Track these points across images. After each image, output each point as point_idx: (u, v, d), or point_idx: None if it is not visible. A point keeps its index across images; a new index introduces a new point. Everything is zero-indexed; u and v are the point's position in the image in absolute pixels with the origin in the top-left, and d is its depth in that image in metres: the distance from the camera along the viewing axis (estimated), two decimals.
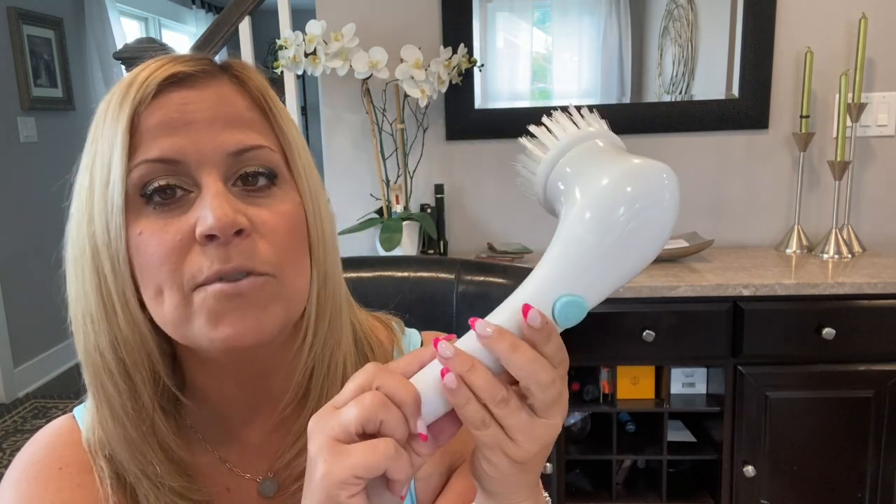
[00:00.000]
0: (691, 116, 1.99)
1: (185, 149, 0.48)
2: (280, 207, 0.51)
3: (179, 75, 0.50)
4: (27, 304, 3.33)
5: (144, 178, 0.48)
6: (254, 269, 0.48)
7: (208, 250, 0.47)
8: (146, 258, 0.48)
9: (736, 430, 1.67)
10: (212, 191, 0.48)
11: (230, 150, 0.49)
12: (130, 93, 0.49)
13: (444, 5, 1.98)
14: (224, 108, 0.50)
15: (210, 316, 0.48)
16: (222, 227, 0.46)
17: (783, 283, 1.59)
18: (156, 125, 0.49)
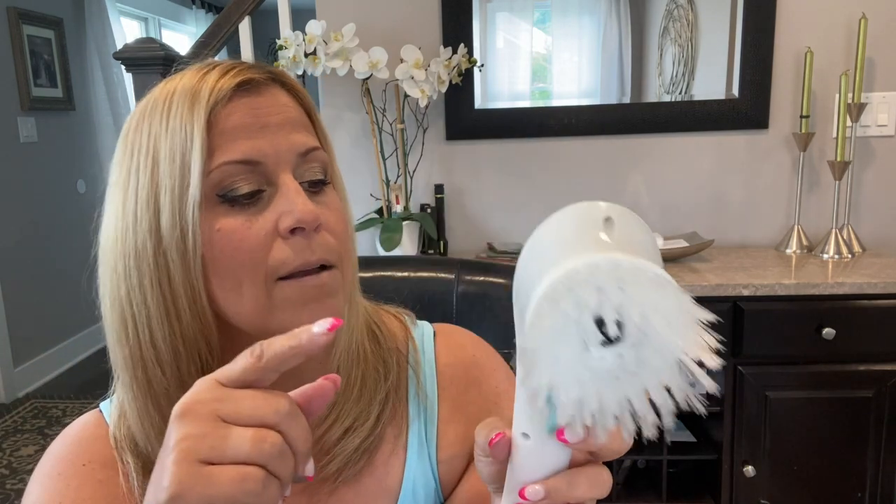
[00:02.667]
0: (691, 116, 1.99)
1: (265, 150, 0.52)
2: (336, 205, 0.56)
3: (251, 82, 0.53)
4: (27, 304, 3.34)
5: (226, 179, 0.51)
6: (331, 259, 0.53)
7: (293, 243, 0.51)
8: (227, 254, 0.51)
9: (736, 430, 1.67)
10: (292, 188, 0.51)
11: (300, 150, 0.53)
12: (202, 96, 0.51)
13: (444, 5, 1.98)
14: (288, 113, 0.54)
15: (297, 305, 0.52)
16: (310, 221, 0.50)
17: (783, 283, 1.59)
18: (233, 128, 0.51)
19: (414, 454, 0.63)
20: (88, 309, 2.47)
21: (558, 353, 0.31)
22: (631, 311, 0.30)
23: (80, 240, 3.75)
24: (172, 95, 0.52)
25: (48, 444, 2.64)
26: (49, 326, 3.51)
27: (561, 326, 0.31)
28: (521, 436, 0.40)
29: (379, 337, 0.64)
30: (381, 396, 0.61)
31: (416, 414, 0.64)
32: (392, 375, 0.63)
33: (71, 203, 3.71)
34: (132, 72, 1.97)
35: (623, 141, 2.03)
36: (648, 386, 0.31)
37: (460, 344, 0.69)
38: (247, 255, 0.50)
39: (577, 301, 0.30)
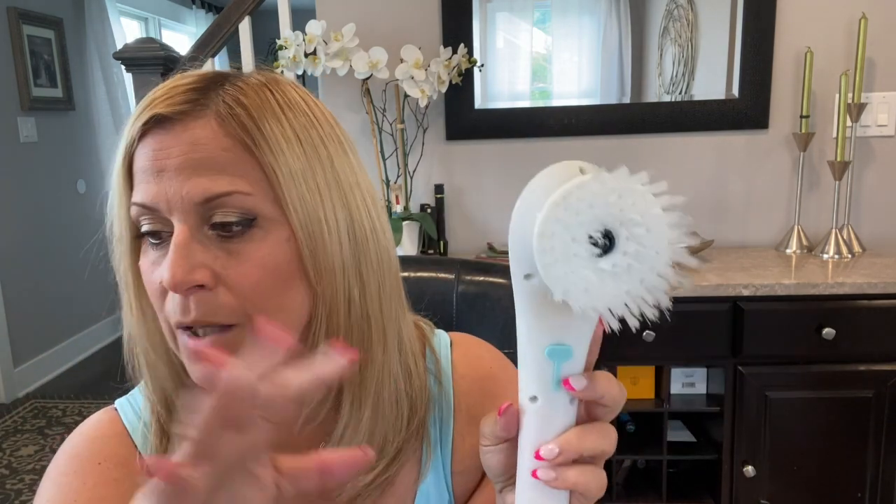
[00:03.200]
0: (691, 116, 1.99)
1: (157, 197, 0.50)
2: (256, 253, 0.50)
3: (156, 118, 0.51)
4: (27, 304, 3.34)
5: (136, 218, 0.53)
6: (214, 322, 0.50)
7: (175, 299, 0.50)
8: (147, 288, 0.53)
9: (736, 430, 1.67)
10: (174, 243, 0.49)
11: (196, 199, 0.49)
12: (125, 130, 0.53)
13: (444, 5, 1.98)
14: (195, 153, 0.49)
15: (187, 359, 0.52)
16: (174, 285, 0.48)
17: (783, 283, 1.59)
18: (139, 169, 0.52)
19: (429, 471, 0.62)
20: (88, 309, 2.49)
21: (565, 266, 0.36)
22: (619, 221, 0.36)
23: (80, 240, 3.75)
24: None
25: (48, 443, 2.63)
26: (49, 326, 3.51)
27: (563, 243, 0.36)
28: (529, 400, 0.43)
29: (413, 373, 0.60)
30: (401, 440, 0.59)
31: (436, 438, 0.63)
32: (417, 418, 0.60)
33: (71, 203, 3.71)
34: (132, 72, 1.97)
35: (623, 141, 2.03)
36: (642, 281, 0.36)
37: (477, 355, 0.67)
38: (153, 297, 0.52)
39: (573, 218, 0.35)
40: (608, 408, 0.44)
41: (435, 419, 0.63)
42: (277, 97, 0.53)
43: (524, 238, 0.38)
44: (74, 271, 3.69)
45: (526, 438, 0.44)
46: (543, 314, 0.41)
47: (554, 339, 0.42)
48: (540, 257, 0.36)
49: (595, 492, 0.44)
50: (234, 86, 0.52)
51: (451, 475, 0.63)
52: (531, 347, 0.42)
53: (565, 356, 0.42)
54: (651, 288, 0.37)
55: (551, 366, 0.42)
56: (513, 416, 0.44)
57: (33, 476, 2.52)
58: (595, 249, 0.36)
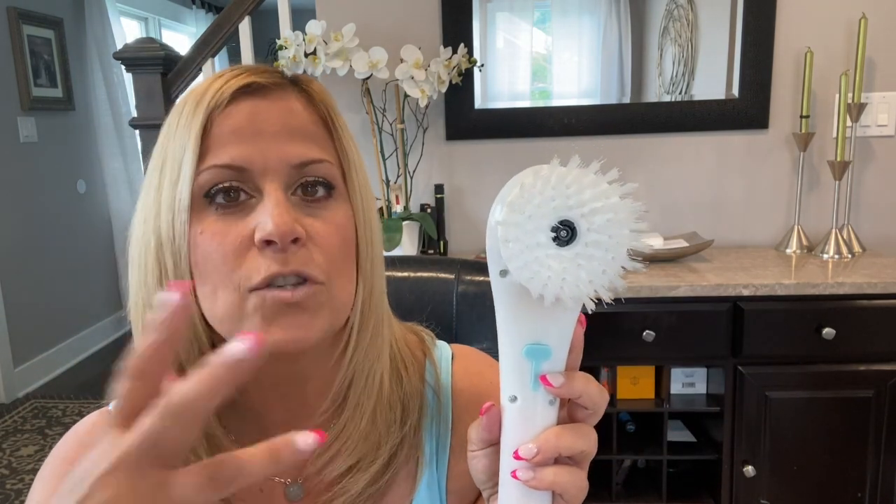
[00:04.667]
0: (691, 116, 1.99)
1: (252, 157, 0.50)
2: (334, 219, 0.53)
3: (253, 86, 0.52)
4: (27, 304, 3.34)
5: (211, 181, 0.51)
6: (308, 275, 0.50)
7: (266, 255, 0.49)
8: (205, 257, 0.51)
9: (736, 430, 1.67)
10: (273, 199, 0.50)
11: (293, 161, 0.52)
12: (205, 99, 0.51)
13: (444, 5, 1.98)
14: (291, 120, 0.52)
15: (264, 319, 0.50)
16: (281, 235, 0.48)
17: (783, 283, 1.59)
18: (227, 132, 0.51)
19: (423, 486, 0.61)
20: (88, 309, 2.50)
21: (528, 255, 0.38)
22: (578, 213, 0.38)
23: (80, 240, 3.75)
24: (186, 99, 0.53)
25: (48, 443, 2.64)
26: (49, 326, 3.51)
27: (525, 233, 0.38)
28: (509, 400, 0.44)
29: (403, 377, 0.61)
30: (395, 442, 0.59)
31: (432, 452, 0.62)
32: (411, 421, 0.60)
33: (71, 203, 3.71)
34: (132, 72, 1.97)
35: (623, 141, 2.03)
36: (604, 269, 0.38)
37: (478, 371, 0.67)
38: (221, 260, 0.50)
39: (534, 210, 0.38)
40: (589, 410, 0.45)
41: (432, 434, 0.62)
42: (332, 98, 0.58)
43: (494, 234, 0.39)
44: (74, 271, 3.70)
45: (506, 439, 0.45)
46: (521, 312, 0.42)
47: (532, 338, 0.42)
48: (504, 248, 0.38)
49: (575, 493, 0.44)
50: (302, 78, 0.57)
51: (447, 493, 0.62)
52: (510, 347, 0.43)
53: (544, 356, 0.42)
54: (611, 274, 0.39)
55: (530, 365, 0.43)
56: (494, 417, 0.45)
57: (33, 476, 2.52)
58: (557, 239, 0.38)
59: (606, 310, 1.79)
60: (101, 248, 3.98)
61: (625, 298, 1.61)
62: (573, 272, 0.38)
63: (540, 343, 0.42)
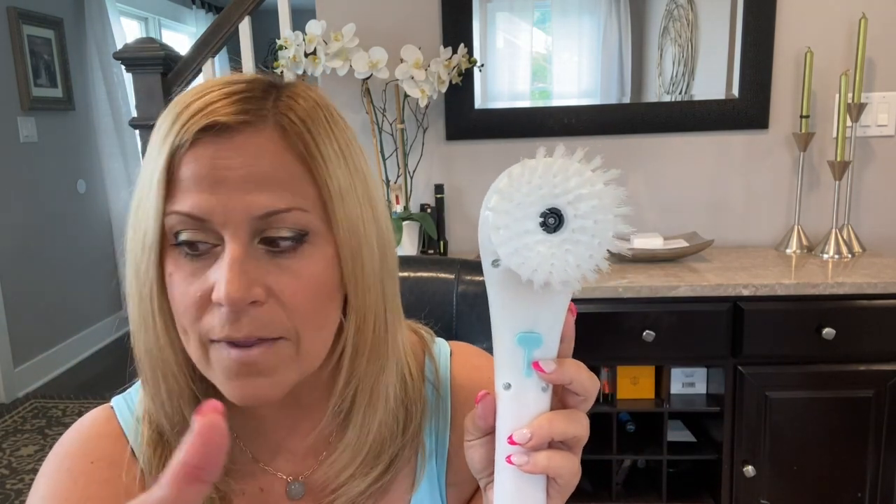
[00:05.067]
0: (691, 116, 1.99)
1: (213, 209, 0.48)
2: (306, 270, 0.50)
3: (217, 126, 0.48)
4: (27, 304, 3.33)
5: (175, 227, 0.49)
6: (265, 336, 0.49)
7: (221, 313, 0.48)
8: (174, 300, 0.50)
9: (736, 430, 1.67)
10: (230, 258, 0.48)
11: (257, 213, 0.48)
12: (172, 133, 0.49)
13: (444, 5, 1.98)
14: (258, 165, 0.49)
15: (224, 373, 0.50)
16: (232, 302, 0.47)
17: (783, 283, 1.59)
18: (189, 177, 0.48)
19: (424, 481, 0.62)
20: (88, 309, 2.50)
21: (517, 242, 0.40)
22: (565, 200, 0.39)
23: (80, 240, 3.75)
24: (165, 117, 0.51)
25: (48, 443, 2.64)
26: (49, 326, 3.51)
27: (514, 221, 0.39)
28: (503, 388, 0.45)
29: (408, 382, 0.61)
30: (396, 448, 0.59)
31: (432, 449, 0.62)
32: (413, 425, 0.60)
33: (71, 203, 3.71)
34: (132, 72, 1.97)
35: (623, 141, 2.03)
36: (591, 254, 0.40)
37: (476, 366, 0.67)
38: (185, 309, 0.49)
39: (522, 198, 0.39)
40: (581, 397, 0.46)
41: (431, 429, 0.63)
42: (323, 111, 0.53)
43: (486, 223, 0.41)
44: (74, 271, 3.70)
45: (501, 425, 0.46)
46: (513, 301, 0.44)
47: (524, 326, 0.44)
48: (494, 235, 0.40)
49: (569, 477, 0.46)
50: (286, 96, 0.52)
51: (446, 486, 0.63)
52: (503, 335, 0.45)
53: (535, 343, 0.44)
54: (597, 258, 0.40)
55: (522, 353, 0.44)
56: (489, 404, 0.46)
57: (33, 476, 2.52)
58: (545, 226, 0.40)
59: (606, 310, 1.79)
60: (101, 248, 3.98)
61: (625, 298, 1.61)
62: (561, 257, 0.40)
63: (532, 331, 0.44)
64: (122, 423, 0.60)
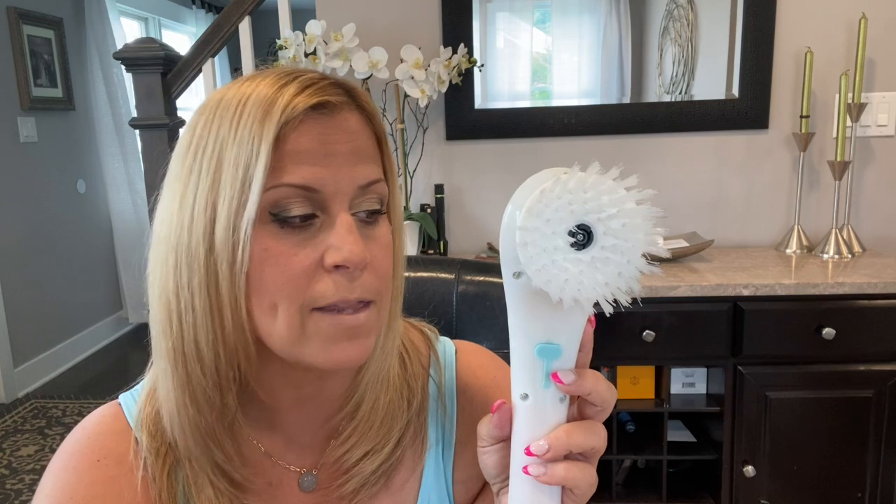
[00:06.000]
0: (691, 116, 1.99)
1: (326, 179, 0.51)
2: (385, 239, 0.55)
3: (326, 105, 0.52)
4: (27, 304, 3.34)
5: (281, 200, 0.50)
6: (370, 298, 0.53)
7: (335, 278, 0.50)
8: (269, 275, 0.50)
9: (736, 430, 1.67)
10: (345, 225, 0.51)
11: (361, 182, 0.52)
12: (275, 111, 0.50)
13: (444, 5, 1.98)
14: (357, 141, 0.53)
15: (326, 340, 0.51)
16: (356, 263, 0.50)
17: (783, 283, 1.59)
18: (300, 151, 0.50)
19: (430, 476, 0.63)
20: (88, 309, 2.51)
21: (545, 258, 0.39)
22: (595, 217, 0.39)
23: (80, 240, 3.75)
24: (246, 102, 0.51)
25: (48, 444, 2.64)
26: (49, 326, 3.51)
27: (542, 237, 0.39)
28: (520, 398, 0.45)
29: (406, 360, 0.64)
30: (404, 422, 0.61)
31: (436, 437, 0.64)
32: (416, 401, 0.63)
33: (71, 203, 3.71)
34: (132, 72, 1.97)
35: (623, 141, 2.03)
36: (619, 272, 0.40)
37: (481, 364, 0.68)
38: (288, 280, 0.50)
39: (552, 214, 0.39)
40: (598, 407, 0.46)
41: (437, 425, 0.64)
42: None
43: (510, 237, 0.40)
44: (74, 271, 3.70)
45: (518, 436, 0.46)
46: (533, 313, 0.43)
47: (544, 337, 0.44)
48: (522, 251, 0.39)
49: (585, 488, 0.46)
50: (352, 87, 0.56)
51: (453, 484, 0.64)
52: (521, 345, 0.44)
53: (554, 354, 0.44)
54: (627, 277, 0.40)
55: (541, 364, 0.44)
56: (505, 414, 0.47)
57: (33, 476, 2.52)
58: (575, 244, 0.39)
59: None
60: (101, 248, 3.98)
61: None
62: (590, 275, 0.39)
63: (551, 342, 0.44)
64: (129, 419, 0.60)
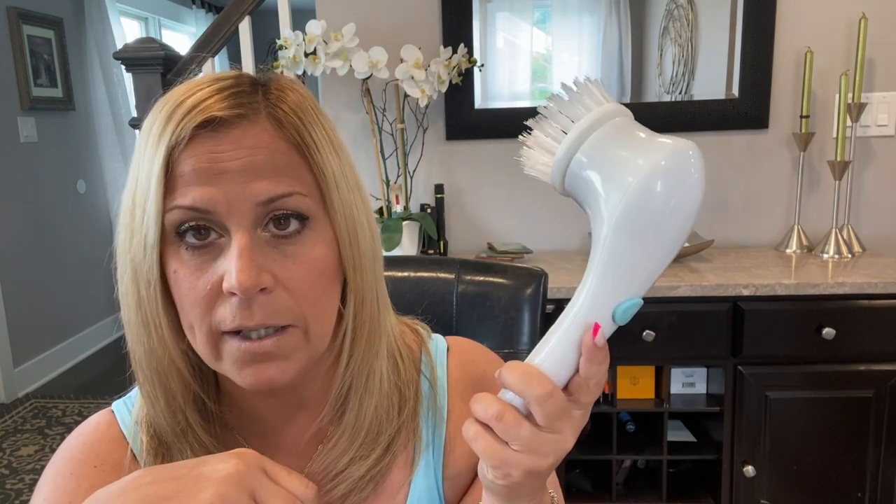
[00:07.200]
0: (691, 116, 1.99)
1: (216, 199, 0.49)
2: (309, 254, 0.52)
3: (214, 121, 0.50)
4: (27, 304, 3.33)
5: (178, 221, 0.50)
6: (276, 323, 0.51)
7: (233, 303, 0.49)
8: (180, 296, 0.51)
9: (736, 430, 1.67)
10: (237, 248, 0.49)
11: (259, 199, 0.50)
12: (167, 131, 0.50)
13: (444, 5, 1.98)
14: (256, 155, 0.50)
15: (236, 363, 0.51)
16: (244, 290, 0.48)
17: (783, 283, 1.59)
18: (189, 172, 0.49)
19: (421, 476, 0.63)
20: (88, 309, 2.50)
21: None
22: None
23: (80, 240, 3.75)
24: (156, 118, 0.51)
25: (48, 444, 2.63)
26: (49, 326, 3.51)
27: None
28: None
29: (399, 366, 0.63)
30: (393, 429, 0.60)
31: (428, 439, 0.63)
32: (408, 407, 0.62)
33: (71, 203, 3.71)
34: (132, 72, 1.97)
35: None
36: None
37: (472, 360, 0.68)
38: (194, 304, 0.50)
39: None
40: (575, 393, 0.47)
41: (428, 423, 0.64)
42: (309, 102, 0.55)
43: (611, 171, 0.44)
44: (74, 271, 3.70)
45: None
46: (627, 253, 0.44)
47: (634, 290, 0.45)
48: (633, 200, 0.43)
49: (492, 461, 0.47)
50: (275, 89, 0.54)
51: (443, 480, 0.64)
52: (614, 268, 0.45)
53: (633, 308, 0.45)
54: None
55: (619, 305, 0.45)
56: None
57: (33, 476, 2.52)
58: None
59: None
60: (100, 249, 3.98)
61: None
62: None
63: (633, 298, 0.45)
64: (122, 427, 0.60)
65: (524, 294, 0.91)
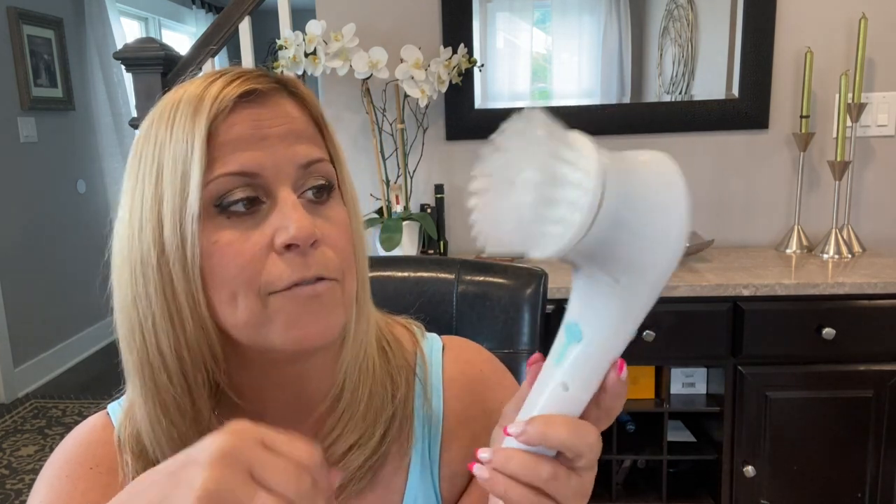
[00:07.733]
0: (691, 116, 1.99)
1: (264, 162, 0.51)
2: (338, 218, 0.55)
3: (254, 93, 0.52)
4: (27, 304, 3.33)
5: (222, 190, 0.50)
6: (327, 275, 0.52)
7: (288, 258, 0.50)
8: (222, 266, 0.51)
9: (736, 430, 1.67)
10: (289, 203, 0.51)
11: (301, 161, 0.53)
12: (204, 106, 0.51)
13: (444, 5, 1.98)
14: (292, 123, 0.54)
15: (288, 319, 0.51)
16: (304, 238, 0.50)
17: (783, 283, 1.59)
18: (234, 140, 0.51)
19: (416, 472, 0.62)
20: (88, 309, 2.50)
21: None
22: None
23: (80, 240, 3.75)
24: (178, 104, 0.52)
25: (48, 444, 2.63)
26: (49, 326, 3.51)
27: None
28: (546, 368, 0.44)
29: (388, 353, 0.64)
30: (388, 415, 0.61)
31: (422, 433, 0.63)
32: (400, 393, 0.62)
33: (71, 203, 3.71)
34: (132, 72, 1.97)
35: (623, 141, 2.03)
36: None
37: (467, 359, 0.68)
38: (241, 268, 0.50)
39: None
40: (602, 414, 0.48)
41: (423, 422, 0.64)
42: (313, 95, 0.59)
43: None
44: (74, 271, 3.69)
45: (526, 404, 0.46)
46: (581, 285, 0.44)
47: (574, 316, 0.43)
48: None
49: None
50: (289, 79, 0.57)
51: (440, 480, 0.63)
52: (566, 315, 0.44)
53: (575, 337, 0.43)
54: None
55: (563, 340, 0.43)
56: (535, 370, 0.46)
57: (33, 476, 2.52)
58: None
59: None
60: (100, 248, 3.96)
61: None
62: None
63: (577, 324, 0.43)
64: (117, 429, 0.60)
65: (524, 294, 0.91)
